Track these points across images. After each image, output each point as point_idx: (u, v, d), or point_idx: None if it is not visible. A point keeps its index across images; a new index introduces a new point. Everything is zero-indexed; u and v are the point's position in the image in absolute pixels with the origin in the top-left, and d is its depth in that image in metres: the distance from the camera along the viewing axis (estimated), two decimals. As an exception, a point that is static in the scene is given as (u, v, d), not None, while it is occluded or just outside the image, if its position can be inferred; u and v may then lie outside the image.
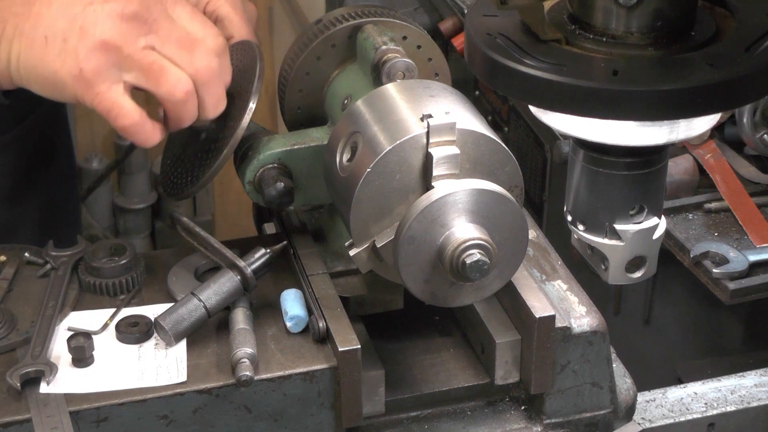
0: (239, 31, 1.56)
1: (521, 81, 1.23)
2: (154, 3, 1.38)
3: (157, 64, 1.36)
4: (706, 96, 1.19)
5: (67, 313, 1.46)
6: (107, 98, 1.35)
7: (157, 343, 1.42)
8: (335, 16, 1.55)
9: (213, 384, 1.37)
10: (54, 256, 1.53)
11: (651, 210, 1.33)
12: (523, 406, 1.50)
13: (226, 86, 1.44)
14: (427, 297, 1.34)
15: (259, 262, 1.45)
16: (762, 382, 1.66)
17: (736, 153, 2.08)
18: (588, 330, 1.46)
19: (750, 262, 1.82)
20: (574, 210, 1.35)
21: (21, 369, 1.35)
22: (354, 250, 1.34)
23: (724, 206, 1.97)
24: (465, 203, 1.29)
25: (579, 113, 1.23)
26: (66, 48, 1.35)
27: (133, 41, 1.35)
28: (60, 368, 1.37)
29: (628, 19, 1.25)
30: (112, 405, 1.34)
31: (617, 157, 1.30)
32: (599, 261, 1.36)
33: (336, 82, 1.56)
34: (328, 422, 1.41)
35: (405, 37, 1.54)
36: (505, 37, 1.28)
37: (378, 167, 1.30)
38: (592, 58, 1.25)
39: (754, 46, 1.23)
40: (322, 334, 1.41)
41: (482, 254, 1.28)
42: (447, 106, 1.34)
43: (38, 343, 1.39)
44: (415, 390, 1.47)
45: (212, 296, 1.42)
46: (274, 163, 1.50)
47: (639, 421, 1.58)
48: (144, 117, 1.38)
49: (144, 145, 1.41)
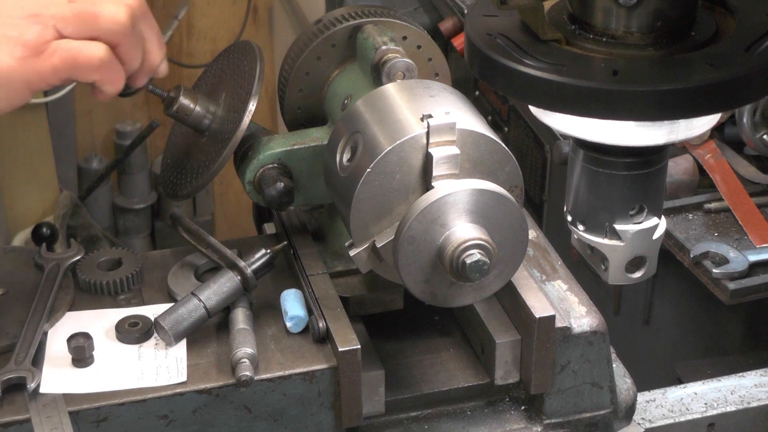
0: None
1: (521, 81, 1.23)
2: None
3: (86, 5, 1.35)
4: (706, 96, 1.19)
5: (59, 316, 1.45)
6: (66, 49, 1.33)
7: (157, 343, 1.42)
8: (335, 16, 1.55)
9: (213, 384, 1.37)
10: (46, 259, 1.52)
11: (651, 210, 1.33)
12: (523, 406, 1.50)
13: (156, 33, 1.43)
14: (427, 297, 1.34)
15: (259, 262, 1.45)
16: (762, 382, 1.66)
17: (736, 153, 2.08)
18: (588, 330, 1.46)
19: (750, 262, 1.82)
20: (574, 210, 1.35)
21: (3, 375, 1.34)
22: (354, 250, 1.34)
23: (724, 206, 1.97)
24: (465, 203, 1.29)
25: (579, 113, 1.23)
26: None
27: (55, 0, 1.34)
28: (60, 368, 1.37)
29: (628, 19, 1.25)
30: (112, 405, 1.34)
31: (617, 157, 1.30)
32: (599, 261, 1.36)
33: (336, 82, 1.56)
34: (328, 422, 1.41)
35: (405, 37, 1.54)
36: (505, 37, 1.28)
37: (378, 167, 1.30)
38: (592, 58, 1.25)
39: (754, 46, 1.23)
40: (322, 334, 1.41)
41: (482, 254, 1.28)
42: (447, 106, 1.34)
43: (23, 348, 1.39)
44: (415, 390, 1.47)
45: (212, 296, 1.42)
46: (274, 163, 1.50)
47: (639, 421, 1.58)
48: (110, 51, 1.35)
49: (113, 90, 1.38)
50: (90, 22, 1.34)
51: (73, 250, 1.54)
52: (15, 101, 1.34)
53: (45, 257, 1.53)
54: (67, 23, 1.33)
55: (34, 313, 1.44)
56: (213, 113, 1.53)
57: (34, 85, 1.33)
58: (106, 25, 1.34)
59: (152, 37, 1.41)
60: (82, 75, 1.35)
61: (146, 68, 1.42)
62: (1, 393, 1.33)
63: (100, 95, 1.38)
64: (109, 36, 1.35)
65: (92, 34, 1.34)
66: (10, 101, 1.34)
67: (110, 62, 1.35)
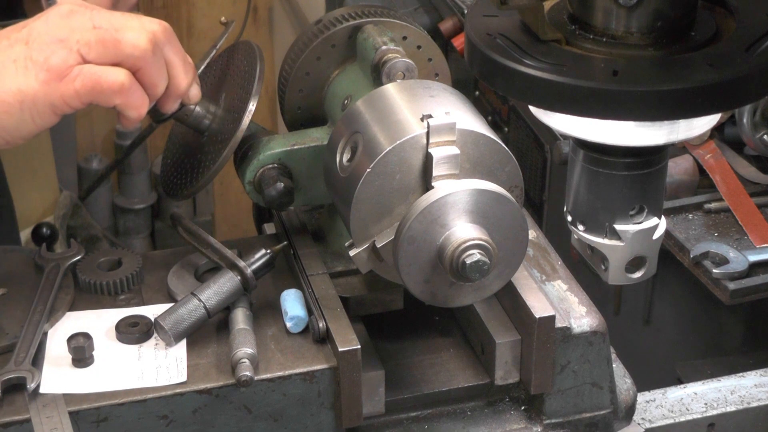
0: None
1: (521, 81, 1.23)
2: (81, 2, 1.40)
3: (110, 32, 1.37)
4: (706, 96, 1.19)
5: (59, 316, 1.45)
6: (88, 74, 1.35)
7: (157, 343, 1.42)
8: (335, 16, 1.55)
9: (213, 384, 1.37)
10: (46, 259, 1.52)
11: (651, 210, 1.33)
12: (523, 407, 1.50)
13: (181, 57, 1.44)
14: (427, 297, 1.34)
15: (259, 263, 1.45)
16: (762, 382, 1.66)
17: (736, 153, 2.08)
18: (588, 330, 1.46)
19: (750, 263, 1.82)
20: (574, 210, 1.35)
21: (3, 375, 1.34)
22: (354, 250, 1.34)
23: (724, 206, 1.97)
24: (465, 203, 1.29)
25: (579, 113, 1.22)
26: (21, 64, 1.35)
27: (81, 26, 1.36)
28: (60, 368, 1.37)
29: (628, 20, 1.25)
30: (112, 405, 1.34)
31: (617, 158, 1.30)
32: (599, 261, 1.36)
33: (336, 82, 1.56)
34: (328, 422, 1.41)
35: (405, 37, 1.54)
36: (505, 37, 1.28)
37: (378, 167, 1.30)
38: (592, 59, 1.25)
39: (754, 46, 1.23)
40: (322, 334, 1.41)
41: (482, 254, 1.28)
42: (447, 106, 1.34)
43: (23, 348, 1.39)
44: (415, 390, 1.47)
45: (212, 296, 1.42)
46: (274, 163, 1.50)
47: (639, 422, 1.58)
48: (131, 76, 1.37)
49: (136, 115, 1.39)
50: (112, 47, 1.36)
51: (73, 250, 1.54)
52: (41, 124, 1.38)
53: (45, 257, 1.53)
54: (90, 48, 1.35)
55: (34, 313, 1.44)
56: (213, 113, 1.53)
57: (59, 108, 1.37)
58: (128, 51, 1.36)
59: (177, 63, 1.42)
60: (104, 100, 1.37)
61: (173, 93, 1.43)
62: (1, 393, 1.33)
63: (124, 120, 1.40)
64: (131, 61, 1.37)
65: (114, 60, 1.36)
66: (36, 124, 1.38)
67: (131, 87, 1.37)
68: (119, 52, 1.36)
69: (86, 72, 1.35)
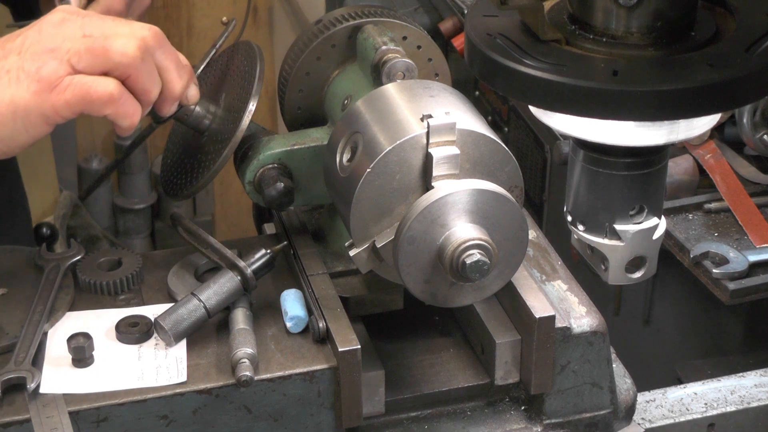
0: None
1: (521, 81, 1.23)
2: (74, 10, 1.41)
3: (99, 41, 1.37)
4: (706, 96, 1.19)
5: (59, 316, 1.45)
6: (78, 84, 1.35)
7: (157, 343, 1.42)
8: (335, 16, 1.55)
9: (213, 384, 1.37)
10: (46, 259, 1.52)
11: (651, 210, 1.33)
12: (523, 407, 1.50)
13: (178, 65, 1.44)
14: (427, 297, 1.34)
15: (259, 263, 1.45)
16: (762, 382, 1.66)
17: (736, 153, 2.08)
18: (588, 330, 1.46)
19: (750, 263, 1.82)
20: (574, 210, 1.35)
21: (3, 375, 1.34)
22: (354, 250, 1.34)
23: (724, 206, 1.97)
24: (465, 203, 1.29)
25: (579, 113, 1.22)
26: (14, 75, 1.35)
27: (71, 35, 1.37)
28: (60, 368, 1.37)
29: (628, 20, 1.25)
30: (112, 405, 1.34)
31: (617, 158, 1.30)
32: (599, 261, 1.36)
33: (336, 82, 1.56)
34: (328, 422, 1.41)
35: (405, 37, 1.54)
36: (505, 37, 1.28)
37: (378, 167, 1.30)
38: (592, 59, 1.25)
39: (754, 46, 1.23)
40: (322, 334, 1.41)
41: (482, 254, 1.28)
42: (447, 106, 1.34)
43: (23, 348, 1.39)
44: (415, 390, 1.47)
45: (212, 296, 1.42)
46: (274, 163, 1.50)
47: (639, 422, 1.58)
48: (120, 86, 1.37)
49: (129, 123, 1.39)
50: (101, 56, 1.36)
51: (73, 250, 1.54)
52: (35, 134, 1.38)
53: (45, 257, 1.53)
54: (80, 58, 1.35)
55: (34, 313, 1.44)
56: (213, 113, 1.53)
57: (51, 119, 1.37)
58: (117, 59, 1.36)
59: (170, 66, 1.42)
60: (95, 110, 1.37)
61: (168, 97, 1.43)
62: (1, 393, 1.33)
63: (117, 129, 1.41)
64: (121, 69, 1.37)
65: (104, 68, 1.36)
66: (30, 134, 1.38)
67: (121, 97, 1.37)
68: (108, 60, 1.36)
69: (76, 83, 1.35)
